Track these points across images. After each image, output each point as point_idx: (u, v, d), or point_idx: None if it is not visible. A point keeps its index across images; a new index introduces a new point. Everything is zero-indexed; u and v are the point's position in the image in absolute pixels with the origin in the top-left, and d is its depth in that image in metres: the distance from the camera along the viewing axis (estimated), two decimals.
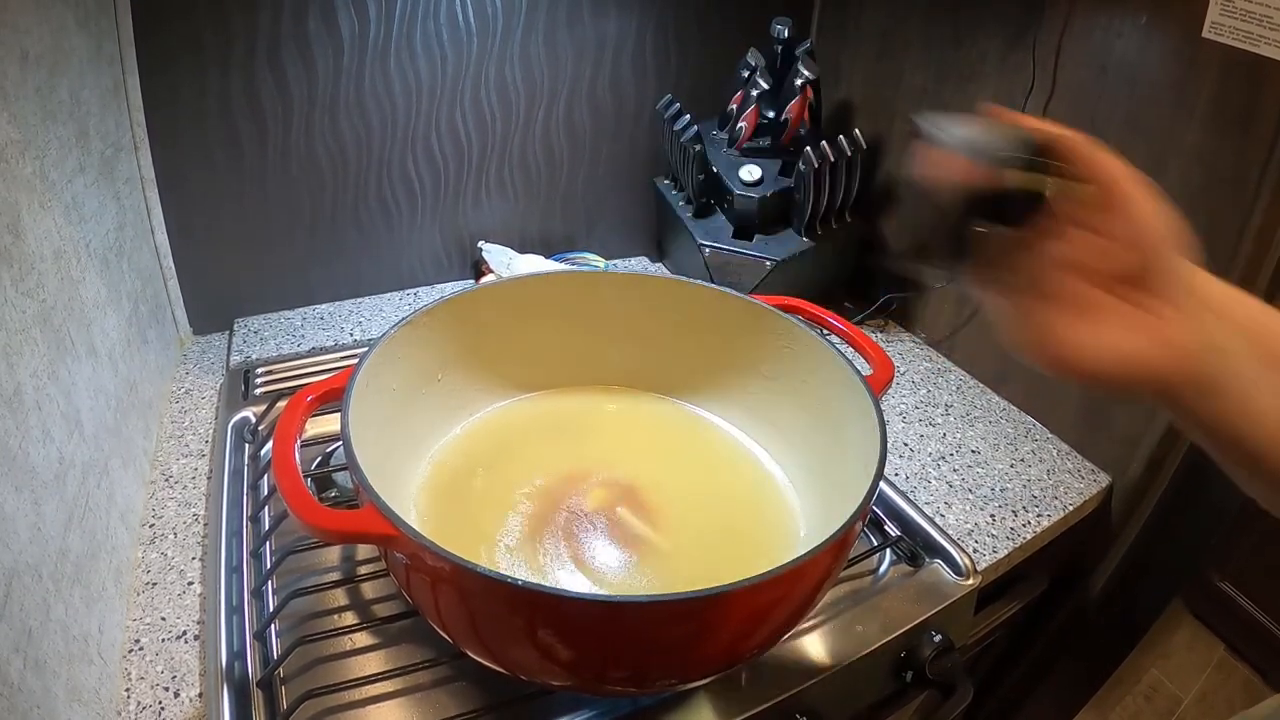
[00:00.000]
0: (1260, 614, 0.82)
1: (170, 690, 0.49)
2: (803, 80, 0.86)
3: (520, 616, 0.38)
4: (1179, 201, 0.33)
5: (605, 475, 0.58)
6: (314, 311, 0.91)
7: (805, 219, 0.88)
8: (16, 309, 0.45)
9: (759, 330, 0.59)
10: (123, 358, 0.64)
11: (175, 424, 0.73)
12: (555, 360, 0.64)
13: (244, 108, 0.76)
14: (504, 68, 0.86)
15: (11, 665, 0.37)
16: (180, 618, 0.54)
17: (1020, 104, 0.76)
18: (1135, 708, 0.84)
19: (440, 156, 0.88)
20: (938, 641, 0.56)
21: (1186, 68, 0.62)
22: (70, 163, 0.58)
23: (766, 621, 0.42)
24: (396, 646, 0.52)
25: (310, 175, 0.83)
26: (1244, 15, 0.57)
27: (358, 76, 0.80)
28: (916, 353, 0.92)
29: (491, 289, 0.61)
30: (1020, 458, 0.75)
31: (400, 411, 0.54)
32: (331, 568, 0.58)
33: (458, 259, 0.97)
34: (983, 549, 0.64)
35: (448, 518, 0.54)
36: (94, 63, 0.64)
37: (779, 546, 0.54)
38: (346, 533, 0.39)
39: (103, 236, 0.63)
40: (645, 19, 0.90)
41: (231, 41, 0.73)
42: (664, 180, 0.99)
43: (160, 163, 0.75)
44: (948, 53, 0.83)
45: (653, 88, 0.95)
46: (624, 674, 0.43)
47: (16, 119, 0.49)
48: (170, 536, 0.61)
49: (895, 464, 0.73)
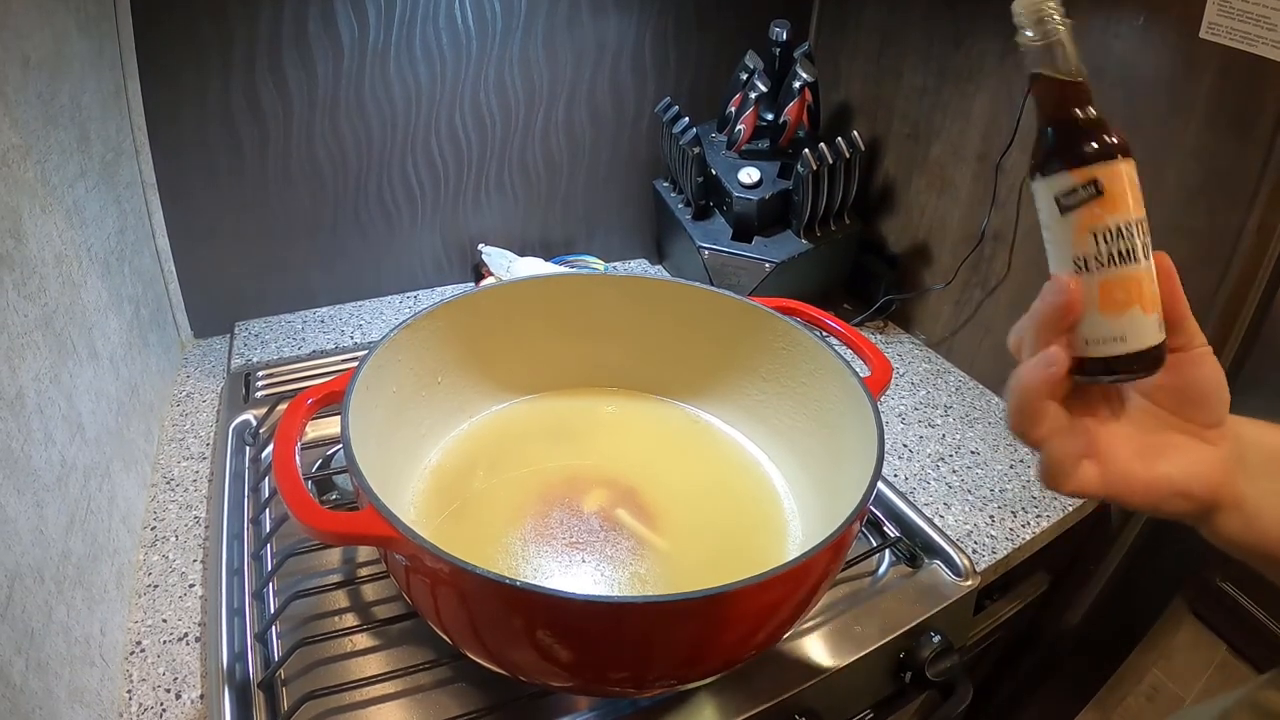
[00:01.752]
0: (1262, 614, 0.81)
1: (172, 692, 0.49)
2: (801, 82, 0.86)
3: (519, 617, 0.38)
4: (1178, 201, 0.34)
5: (604, 477, 0.58)
6: (314, 314, 0.91)
7: (804, 221, 0.88)
8: (18, 313, 0.46)
9: (758, 332, 0.59)
10: (124, 361, 0.64)
11: (176, 427, 0.73)
12: (555, 362, 0.64)
13: (244, 111, 0.77)
14: (503, 71, 0.86)
15: (14, 667, 0.38)
16: (182, 620, 0.54)
17: (1019, 104, 0.76)
18: (1137, 708, 0.84)
19: (440, 159, 0.89)
20: (937, 642, 0.56)
21: (1184, 68, 0.62)
22: (71, 167, 0.58)
23: (765, 622, 0.42)
24: (397, 648, 0.52)
25: (310, 178, 0.83)
26: (1241, 15, 0.57)
27: (357, 80, 0.80)
28: (915, 354, 0.92)
29: (491, 291, 0.61)
30: (1020, 458, 0.75)
31: (400, 414, 0.54)
32: (332, 570, 0.58)
33: (457, 262, 0.97)
34: (982, 550, 0.64)
35: (447, 519, 0.54)
36: (95, 67, 0.64)
37: (777, 547, 0.54)
38: (346, 535, 0.39)
39: (104, 240, 0.64)
40: (644, 22, 0.91)
41: (232, 46, 0.73)
42: (663, 182, 1.00)
43: (161, 167, 0.76)
44: (947, 53, 0.83)
45: (652, 90, 0.95)
46: (623, 675, 0.43)
47: (18, 123, 0.50)
48: (172, 539, 0.61)
49: (894, 465, 0.73)
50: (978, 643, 0.75)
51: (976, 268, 0.85)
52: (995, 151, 0.79)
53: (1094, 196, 0.32)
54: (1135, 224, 0.32)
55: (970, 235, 0.85)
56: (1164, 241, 0.33)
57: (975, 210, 0.84)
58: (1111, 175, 0.31)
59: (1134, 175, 0.32)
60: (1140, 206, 0.32)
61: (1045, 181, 0.33)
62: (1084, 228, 0.32)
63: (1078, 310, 0.32)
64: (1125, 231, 0.32)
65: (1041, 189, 0.33)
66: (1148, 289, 0.32)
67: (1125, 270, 0.32)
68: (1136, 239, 0.32)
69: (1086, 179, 0.32)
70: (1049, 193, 0.33)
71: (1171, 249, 0.33)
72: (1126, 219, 0.32)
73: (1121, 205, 0.32)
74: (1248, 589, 0.74)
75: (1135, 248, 0.32)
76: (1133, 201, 0.32)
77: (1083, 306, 0.33)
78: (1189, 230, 0.63)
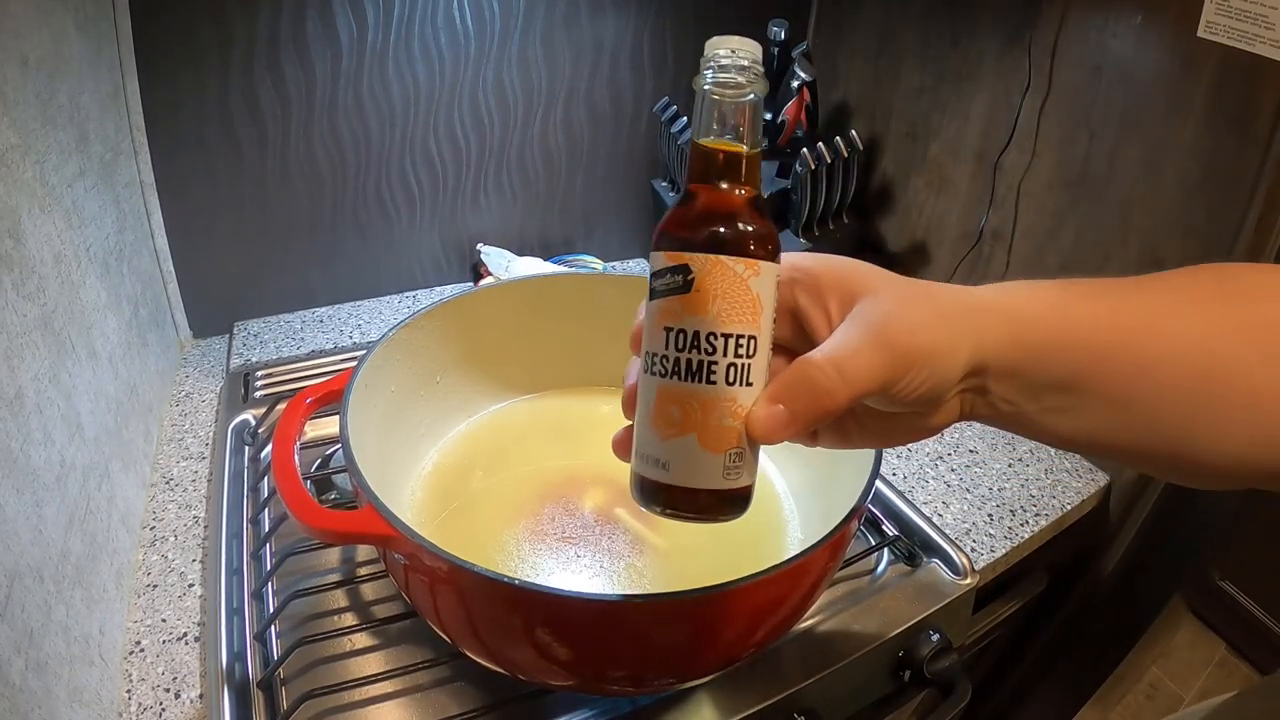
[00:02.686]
0: (1261, 613, 0.82)
1: (171, 691, 0.49)
2: (799, 82, 0.86)
3: (518, 616, 0.39)
4: (1177, 199, 0.33)
5: (603, 475, 0.58)
6: (313, 314, 0.91)
7: (802, 220, 0.88)
8: (17, 313, 0.46)
9: None
10: (123, 361, 0.64)
11: (175, 427, 0.73)
12: (553, 362, 0.64)
13: (243, 111, 0.77)
14: (501, 70, 0.86)
15: (13, 666, 0.38)
16: (181, 619, 0.54)
17: (1017, 103, 0.76)
18: (1136, 706, 0.84)
19: (438, 159, 0.89)
20: (936, 641, 0.56)
21: (1182, 67, 0.62)
22: (70, 167, 0.58)
23: (764, 620, 0.42)
24: (396, 647, 0.52)
25: (309, 178, 0.83)
26: (1239, 14, 0.57)
27: (356, 80, 0.80)
28: None
29: (490, 291, 0.61)
30: (1018, 457, 0.75)
31: (399, 413, 0.54)
32: (331, 569, 0.58)
33: (456, 261, 0.97)
34: (981, 548, 0.64)
35: (446, 519, 0.54)
36: (93, 67, 0.64)
37: (775, 545, 0.54)
38: (345, 534, 0.39)
39: (103, 240, 0.64)
40: (642, 21, 0.91)
41: (230, 45, 0.73)
42: (661, 182, 1.00)
43: (160, 167, 0.76)
44: (945, 53, 0.83)
45: (650, 89, 0.95)
46: (622, 673, 0.43)
47: (17, 124, 0.50)
48: (171, 539, 0.61)
49: (893, 464, 0.73)
50: (977, 641, 0.75)
51: (975, 266, 0.85)
52: (993, 150, 0.80)
53: (678, 289, 0.26)
54: (726, 339, 0.26)
55: (969, 234, 0.85)
56: (1164, 240, 0.31)
57: (973, 209, 0.84)
58: (709, 271, 0.26)
59: (757, 285, 0.26)
60: (749, 323, 0.26)
61: (654, 254, 0.28)
62: (659, 321, 0.27)
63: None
64: (704, 343, 0.26)
65: (651, 261, 0.28)
66: (715, 420, 0.26)
67: (687, 389, 0.26)
68: (721, 357, 0.26)
69: (676, 264, 0.26)
70: (651, 267, 0.28)
71: (1171, 247, 0.32)
72: (715, 327, 0.26)
73: (709, 309, 0.26)
74: (1247, 588, 0.74)
75: (712, 366, 0.26)
76: (730, 313, 0.26)
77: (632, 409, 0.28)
78: (1188, 228, 0.63)
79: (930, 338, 0.26)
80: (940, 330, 0.27)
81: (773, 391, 0.27)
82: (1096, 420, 0.27)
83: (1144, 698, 0.82)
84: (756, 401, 0.27)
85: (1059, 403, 0.27)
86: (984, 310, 0.27)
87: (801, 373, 0.26)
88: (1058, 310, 0.27)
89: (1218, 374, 0.26)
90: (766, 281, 0.27)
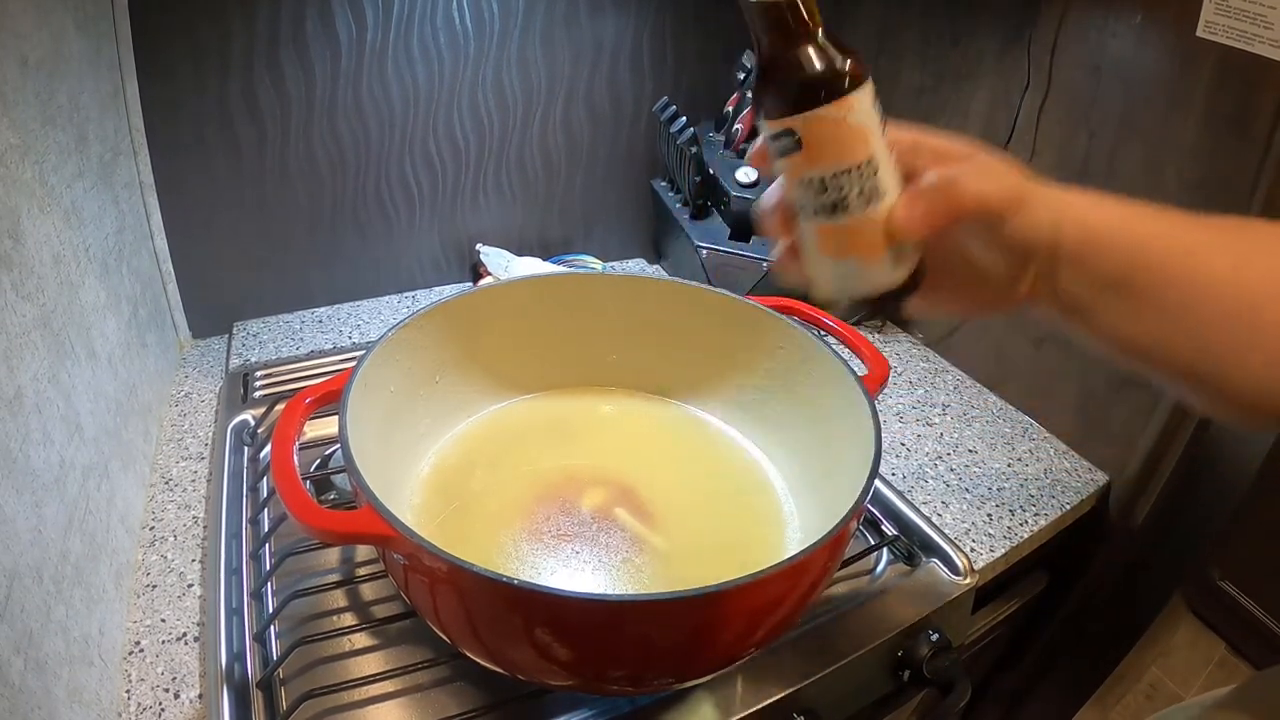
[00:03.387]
0: (1261, 612, 0.82)
1: (170, 691, 0.49)
2: None
3: (517, 616, 0.38)
4: (1176, 199, 0.35)
5: (602, 476, 0.58)
6: (313, 314, 0.91)
7: None
8: (16, 313, 0.46)
9: (755, 331, 0.59)
10: (122, 361, 0.64)
11: (175, 427, 0.73)
12: (553, 362, 0.64)
13: (242, 111, 0.77)
14: (501, 70, 0.86)
15: (12, 666, 0.38)
16: (180, 619, 0.54)
17: (1016, 103, 0.76)
18: (1136, 706, 0.84)
19: (438, 159, 0.89)
20: (935, 640, 0.56)
21: (1181, 67, 0.62)
22: (69, 167, 0.58)
23: (763, 620, 0.42)
24: (396, 647, 0.52)
25: (308, 178, 0.83)
26: (1238, 14, 0.57)
27: (355, 80, 0.80)
28: (914, 353, 0.92)
29: (489, 291, 0.61)
30: (1018, 457, 0.75)
31: (398, 413, 0.54)
32: (331, 569, 0.58)
33: (455, 261, 0.97)
34: (980, 548, 0.64)
35: (445, 519, 0.54)
36: (93, 67, 0.64)
37: (775, 545, 0.54)
38: (345, 534, 0.39)
39: (102, 241, 0.64)
40: (642, 21, 0.91)
41: (230, 45, 0.73)
42: (661, 182, 1.00)
43: (159, 167, 0.76)
44: (945, 52, 0.83)
45: (649, 90, 0.95)
46: (621, 673, 0.43)
47: (16, 124, 0.50)
48: (170, 539, 0.61)
49: (892, 463, 0.73)
50: (976, 641, 0.75)
51: None
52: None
53: (793, 149, 0.28)
54: (847, 173, 0.28)
55: None
56: None
57: None
58: (811, 126, 0.28)
59: (855, 117, 0.28)
60: (861, 151, 0.28)
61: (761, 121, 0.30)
62: (791, 175, 0.30)
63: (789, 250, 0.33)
64: (832, 183, 0.29)
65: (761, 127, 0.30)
66: (866, 238, 0.30)
67: (836, 222, 0.29)
68: (850, 189, 0.29)
69: (781, 129, 0.28)
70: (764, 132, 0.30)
71: None
72: (835, 168, 0.28)
73: (825, 156, 0.28)
74: (1247, 587, 0.74)
75: (845, 199, 0.29)
76: (843, 152, 0.28)
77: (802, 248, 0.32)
78: None
79: (1032, 190, 0.32)
80: (1038, 192, 0.32)
81: (910, 195, 0.31)
82: (1146, 325, 0.32)
83: (1144, 697, 0.82)
84: (895, 204, 0.30)
85: (1114, 303, 0.32)
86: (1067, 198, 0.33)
87: (932, 183, 0.31)
88: (1121, 217, 0.33)
89: (1245, 306, 0.30)
90: (863, 106, 0.29)
